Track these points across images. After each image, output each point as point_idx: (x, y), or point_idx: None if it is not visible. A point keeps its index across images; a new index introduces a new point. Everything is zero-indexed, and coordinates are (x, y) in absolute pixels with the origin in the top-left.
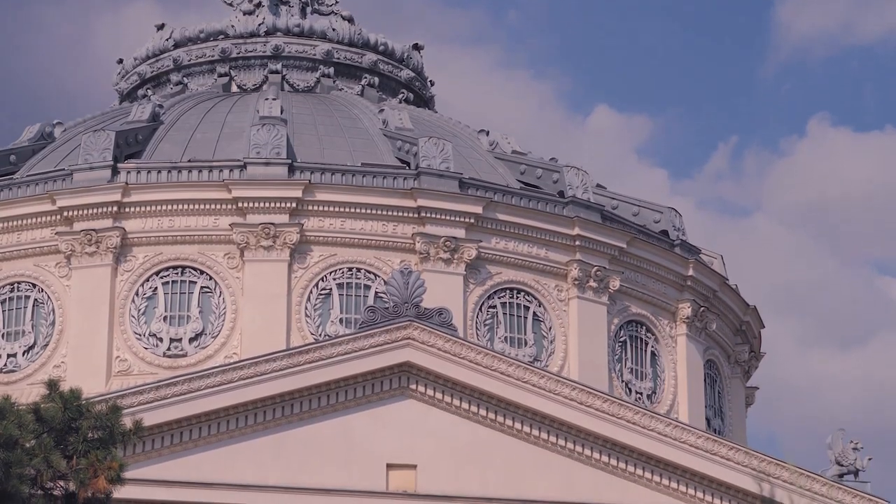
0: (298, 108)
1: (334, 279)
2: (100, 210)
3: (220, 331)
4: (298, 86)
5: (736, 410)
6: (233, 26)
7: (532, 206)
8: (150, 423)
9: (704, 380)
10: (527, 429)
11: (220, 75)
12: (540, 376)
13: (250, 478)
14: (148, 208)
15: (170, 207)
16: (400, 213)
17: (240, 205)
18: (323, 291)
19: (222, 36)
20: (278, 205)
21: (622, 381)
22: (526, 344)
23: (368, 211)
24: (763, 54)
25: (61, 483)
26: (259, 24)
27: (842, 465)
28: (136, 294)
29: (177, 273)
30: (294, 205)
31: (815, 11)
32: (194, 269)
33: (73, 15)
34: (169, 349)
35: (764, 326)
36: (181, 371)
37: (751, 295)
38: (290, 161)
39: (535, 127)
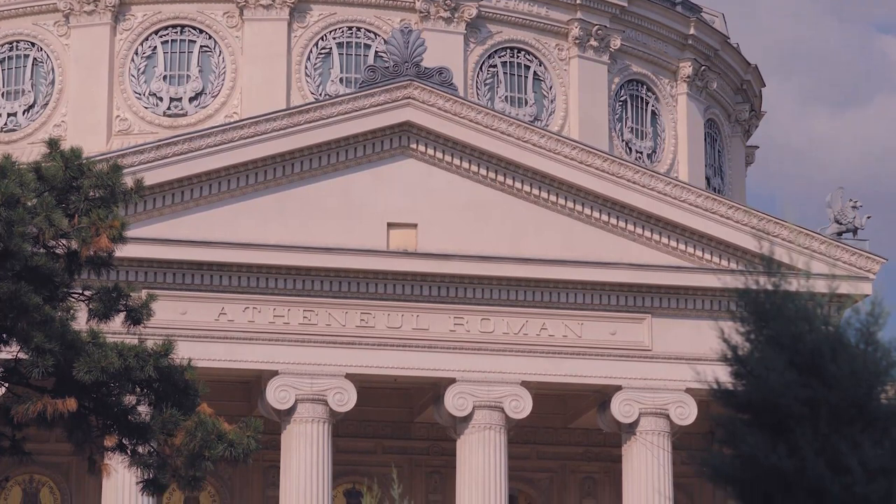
0: None
1: (334, 38)
2: None
3: (220, 90)
4: None
5: (736, 169)
6: None
7: None
8: (151, 182)
9: (704, 139)
10: (527, 188)
11: None
12: (540, 135)
13: (251, 236)
14: None
15: None
16: None
17: None
18: (323, 51)
19: None
20: None
21: (622, 140)
22: (526, 103)
23: None
24: None
25: (63, 242)
26: None
27: (840, 224)
28: (136, 53)
29: (176, 32)
30: None
31: None
32: (193, 28)
33: None
34: (169, 108)
35: (764, 85)
36: (181, 130)
37: (752, 54)
38: None
39: None
